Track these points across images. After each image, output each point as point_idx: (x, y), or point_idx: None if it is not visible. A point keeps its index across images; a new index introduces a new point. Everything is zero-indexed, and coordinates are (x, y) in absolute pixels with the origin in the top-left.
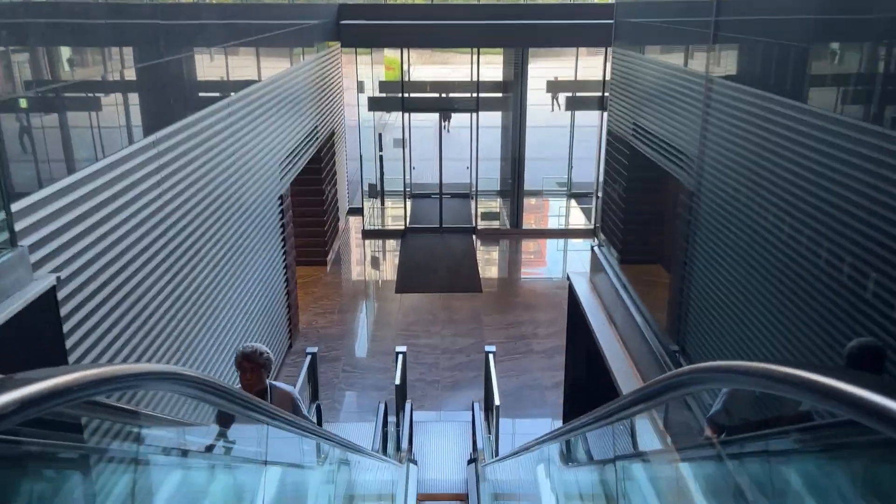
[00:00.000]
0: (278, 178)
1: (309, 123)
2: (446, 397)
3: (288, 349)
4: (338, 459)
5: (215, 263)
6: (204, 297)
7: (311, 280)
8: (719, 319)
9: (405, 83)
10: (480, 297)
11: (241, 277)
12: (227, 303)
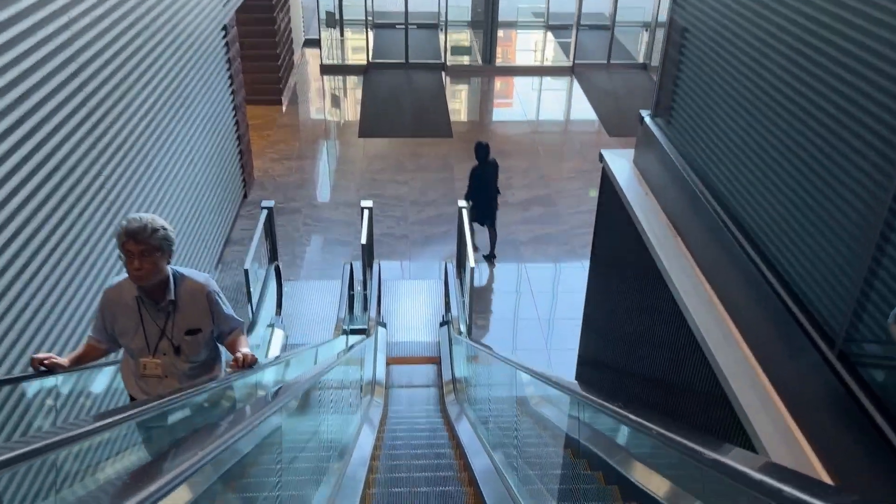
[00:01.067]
0: (220, 5)
1: None
2: (416, 254)
3: (242, 199)
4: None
5: (149, 106)
6: (137, 146)
7: (265, 121)
8: None
9: None
10: (450, 143)
11: (181, 121)
12: (166, 151)
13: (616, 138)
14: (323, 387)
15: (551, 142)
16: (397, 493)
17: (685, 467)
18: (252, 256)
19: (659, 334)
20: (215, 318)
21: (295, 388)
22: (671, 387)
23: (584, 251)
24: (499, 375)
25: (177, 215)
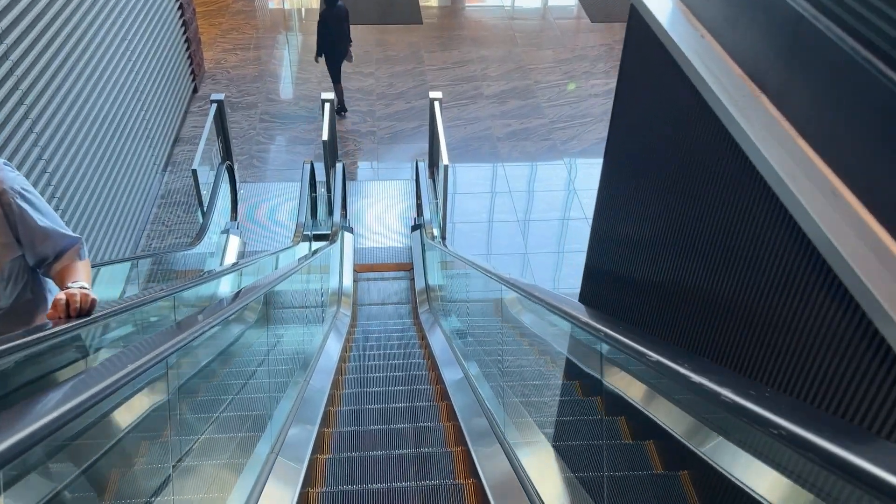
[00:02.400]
0: None
1: None
2: (384, 151)
3: (192, 94)
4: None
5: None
6: (63, 35)
7: (216, 7)
8: None
9: None
10: (420, 30)
11: (112, 8)
12: (92, 40)
13: (599, 24)
14: (283, 300)
15: (529, 28)
16: (367, 409)
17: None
18: (200, 155)
19: (738, 246)
20: (21, 234)
21: (250, 295)
22: (759, 323)
23: (565, 147)
24: (478, 287)
25: (115, 111)
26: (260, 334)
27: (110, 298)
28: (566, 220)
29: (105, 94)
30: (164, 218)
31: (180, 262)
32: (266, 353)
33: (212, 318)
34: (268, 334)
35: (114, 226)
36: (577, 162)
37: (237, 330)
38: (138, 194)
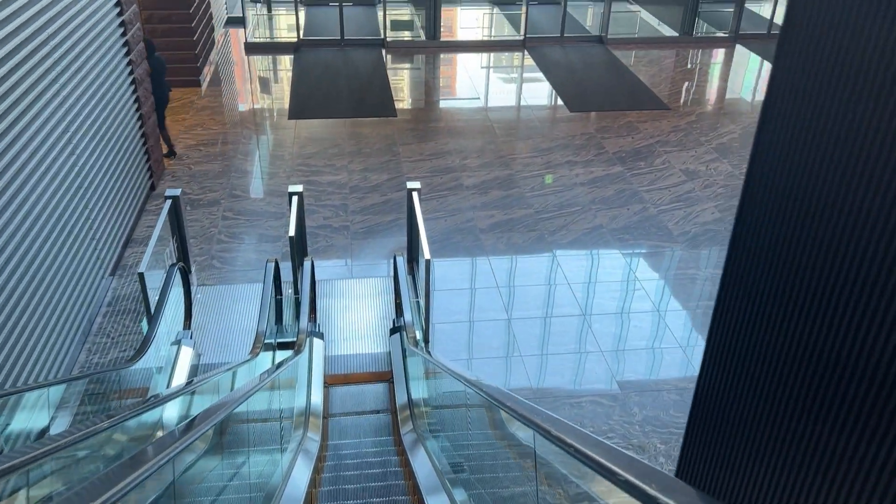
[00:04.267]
0: None
1: None
2: (359, 247)
3: (149, 192)
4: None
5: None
6: None
7: (180, 105)
8: None
9: None
10: (395, 123)
11: (56, 96)
12: (36, 132)
13: (578, 113)
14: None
15: (507, 119)
16: None
17: None
18: (149, 257)
19: None
20: None
21: (199, 429)
22: None
23: (553, 238)
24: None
25: (54, 210)
26: (213, 465)
27: (36, 428)
28: (562, 317)
29: (42, 190)
30: (108, 329)
31: (123, 380)
32: (219, 491)
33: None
34: (222, 465)
35: (47, 340)
36: (568, 253)
37: (183, 464)
38: (79, 303)
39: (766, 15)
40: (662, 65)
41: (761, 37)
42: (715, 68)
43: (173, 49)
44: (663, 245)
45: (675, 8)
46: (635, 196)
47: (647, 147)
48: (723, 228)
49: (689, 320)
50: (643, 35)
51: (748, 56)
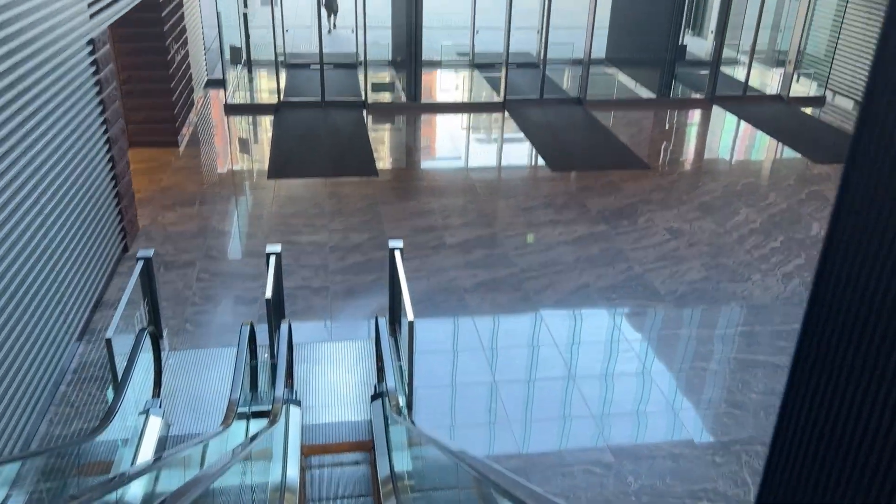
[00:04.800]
0: (86, 15)
1: None
2: (339, 308)
3: (122, 253)
4: None
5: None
6: None
7: (156, 165)
8: None
9: None
10: (376, 183)
11: (24, 153)
12: (0, 193)
13: (560, 172)
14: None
15: (489, 178)
16: None
17: None
18: (117, 321)
19: None
20: None
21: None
22: None
23: (539, 297)
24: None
25: (17, 272)
26: None
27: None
28: (549, 379)
29: (5, 251)
30: (72, 398)
31: (85, 454)
32: None
33: None
34: None
35: (4, 410)
36: (554, 313)
37: None
38: (43, 370)
39: (739, 78)
40: (641, 125)
41: (737, 98)
42: (693, 129)
43: (151, 110)
44: (651, 304)
45: (651, 71)
46: (620, 255)
47: (630, 206)
48: (710, 287)
49: (680, 381)
50: (621, 97)
51: (725, 116)
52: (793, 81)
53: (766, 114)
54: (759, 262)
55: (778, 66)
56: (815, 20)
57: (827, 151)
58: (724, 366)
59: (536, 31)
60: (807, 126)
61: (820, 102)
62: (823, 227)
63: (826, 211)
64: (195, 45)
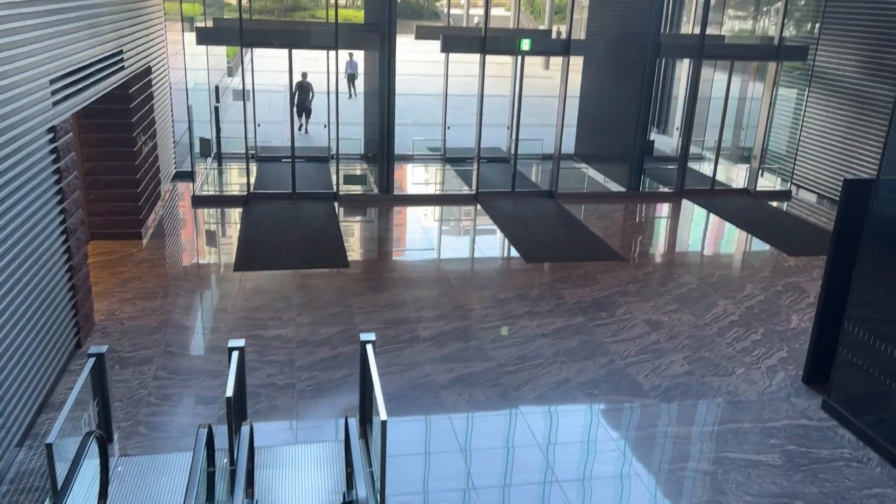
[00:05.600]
0: (48, 102)
1: (109, 44)
2: (305, 407)
3: (74, 350)
4: None
5: None
6: None
7: (117, 257)
8: None
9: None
10: (346, 274)
11: None
12: None
13: (534, 263)
14: None
15: (462, 270)
16: None
17: None
18: (61, 425)
19: None
20: None
21: None
22: None
23: (518, 393)
24: None
25: None
26: None
27: None
28: (530, 484)
29: None
30: None
31: None
32: None
33: None
34: None
35: None
36: (534, 410)
37: None
38: None
39: (705, 173)
40: (613, 217)
41: (706, 192)
42: (664, 221)
43: (115, 201)
44: (634, 400)
45: (620, 165)
46: (600, 348)
47: (607, 297)
48: (694, 381)
49: (670, 483)
50: (592, 190)
51: (695, 209)
52: (758, 176)
53: (735, 207)
54: (741, 356)
55: (742, 162)
56: (776, 119)
57: (799, 244)
58: (715, 466)
59: (507, 128)
60: (776, 219)
61: (786, 196)
62: (802, 319)
63: (804, 303)
64: (164, 138)
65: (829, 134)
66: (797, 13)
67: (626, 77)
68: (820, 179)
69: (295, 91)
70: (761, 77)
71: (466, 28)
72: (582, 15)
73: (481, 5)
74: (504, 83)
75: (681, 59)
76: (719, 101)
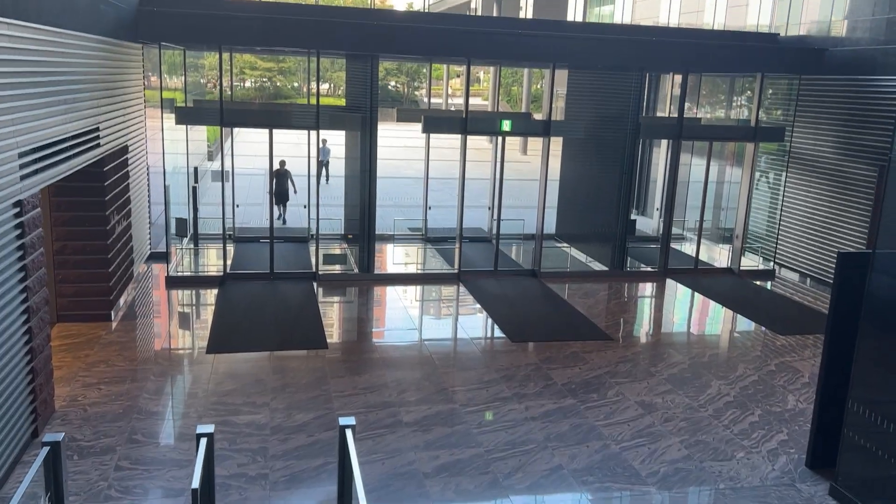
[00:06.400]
0: (16, 175)
1: (86, 120)
2: (278, 500)
3: (30, 439)
4: None
5: None
6: None
7: (84, 340)
8: None
9: (225, 101)
10: (325, 355)
11: None
12: None
13: (520, 343)
14: None
15: (445, 350)
16: None
17: None
18: None
19: None
20: None
21: None
22: None
23: (509, 482)
24: None
25: None
26: None
27: None
28: None
29: None
30: None
31: None
32: None
33: None
34: None
35: None
36: (527, 500)
37: None
38: None
39: (686, 252)
40: (597, 297)
41: (689, 271)
42: (650, 300)
43: (84, 281)
44: (632, 488)
45: (602, 245)
46: (593, 431)
47: (597, 378)
48: (693, 467)
49: None
50: (575, 269)
51: (679, 289)
52: (741, 255)
53: (720, 286)
54: (740, 438)
55: (722, 242)
56: (756, 200)
57: (788, 323)
58: None
59: (488, 208)
60: (762, 298)
61: (770, 276)
62: (799, 399)
63: (799, 382)
64: (140, 218)
65: (810, 213)
66: (771, 96)
67: (605, 158)
68: (803, 258)
69: (273, 179)
70: (738, 162)
71: (447, 111)
72: (558, 104)
73: (460, 95)
74: (483, 167)
75: (658, 144)
76: (697, 184)
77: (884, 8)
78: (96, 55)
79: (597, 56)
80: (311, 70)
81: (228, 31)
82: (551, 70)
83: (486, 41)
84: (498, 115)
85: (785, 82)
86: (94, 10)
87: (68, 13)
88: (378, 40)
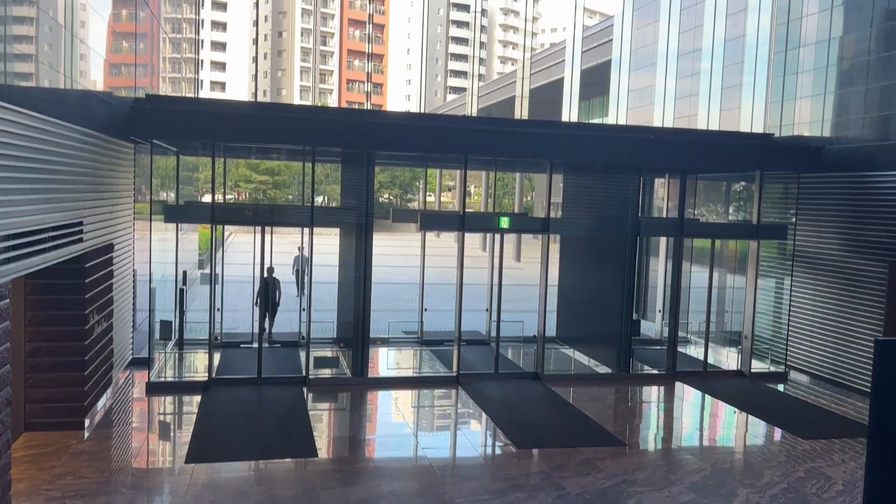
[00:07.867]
0: None
1: (68, 213)
2: None
3: None
4: None
5: None
6: None
7: (52, 450)
8: None
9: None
10: (315, 465)
11: None
12: None
13: (527, 450)
14: None
15: (446, 458)
16: None
17: None
18: None
19: None
20: None
21: None
22: None
23: None
24: None
25: None
26: None
27: None
28: None
29: None
30: None
31: None
32: None
33: None
34: None
35: None
36: None
37: None
38: None
39: (694, 355)
40: (605, 401)
41: (699, 374)
42: (660, 404)
43: (57, 386)
44: None
45: (606, 348)
46: None
47: (614, 487)
48: None
49: None
50: (579, 371)
51: (690, 392)
52: (751, 358)
53: (733, 389)
54: None
55: (728, 345)
56: (763, 301)
57: (809, 427)
58: None
59: (486, 310)
60: (778, 401)
61: (783, 378)
62: None
63: (833, 490)
64: (123, 321)
65: (820, 313)
66: (772, 194)
67: (605, 258)
68: (814, 359)
69: (261, 287)
70: (741, 267)
71: (444, 210)
72: (557, 212)
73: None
74: (478, 273)
75: (656, 253)
76: (699, 289)
77: (875, 107)
78: (85, 148)
79: (593, 152)
80: (305, 170)
81: (222, 127)
82: (548, 168)
83: (482, 137)
84: (494, 214)
85: (782, 184)
86: (85, 103)
87: (57, 102)
88: (375, 137)
